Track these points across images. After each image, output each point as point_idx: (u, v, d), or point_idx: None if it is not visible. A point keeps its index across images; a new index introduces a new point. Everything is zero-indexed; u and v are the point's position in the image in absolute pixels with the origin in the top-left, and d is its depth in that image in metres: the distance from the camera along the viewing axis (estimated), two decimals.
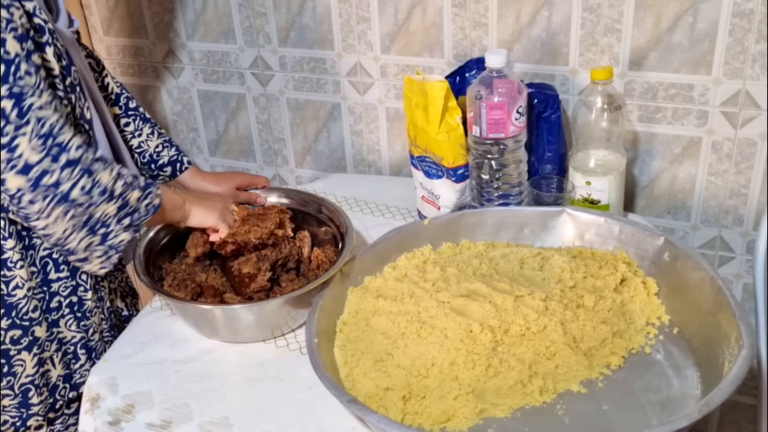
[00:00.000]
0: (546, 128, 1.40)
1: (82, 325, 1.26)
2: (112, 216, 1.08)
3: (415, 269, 1.23)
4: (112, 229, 1.09)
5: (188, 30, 1.79)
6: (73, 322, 1.24)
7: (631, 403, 1.02)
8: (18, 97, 0.97)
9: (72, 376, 1.26)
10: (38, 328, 1.19)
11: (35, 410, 1.21)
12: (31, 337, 1.18)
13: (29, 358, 1.18)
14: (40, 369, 1.20)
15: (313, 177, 1.85)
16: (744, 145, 1.40)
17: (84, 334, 1.26)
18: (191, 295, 1.24)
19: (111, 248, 1.11)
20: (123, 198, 1.08)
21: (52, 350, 1.22)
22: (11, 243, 1.13)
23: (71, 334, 1.25)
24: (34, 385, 1.20)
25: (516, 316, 1.09)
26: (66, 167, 1.01)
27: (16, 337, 1.16)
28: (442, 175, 1.38)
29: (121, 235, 1.11)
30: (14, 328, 1.16)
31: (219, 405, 1.12)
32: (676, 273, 1.16)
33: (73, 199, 1.02)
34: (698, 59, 1.37)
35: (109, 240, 1.10)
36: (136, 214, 1.11)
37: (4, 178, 0.98)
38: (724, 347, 1.01)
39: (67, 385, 1.25)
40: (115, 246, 1.11)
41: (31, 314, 1.17)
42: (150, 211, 1.12)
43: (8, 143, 0.97)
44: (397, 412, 1.00)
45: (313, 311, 1.12)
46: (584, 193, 1.36)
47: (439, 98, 1.30)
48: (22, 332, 1.17)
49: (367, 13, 1.59)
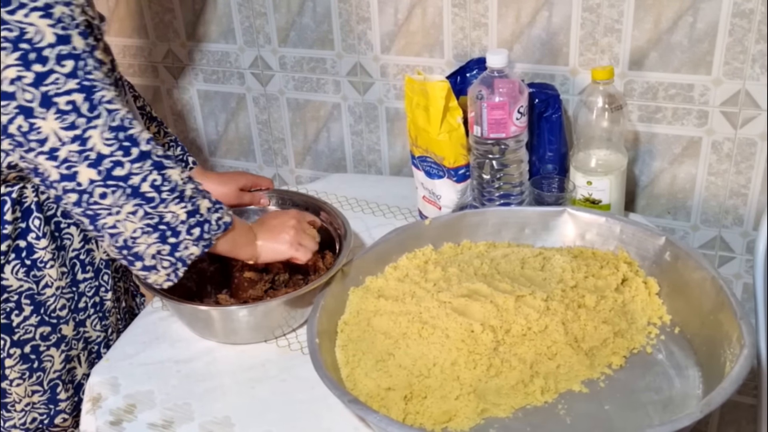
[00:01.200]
0: (547, 128, 1.40)
1: (104, 325, 1.28)
2: (183, 222, 1.05)
3: (416, 269, 1.23)
4: (182, 239, 1.06)
5: (188, 30, 1.79)
6: (97, 322, 1.27)
7: (633, 403, 1.02)
8: (88, 91, 0.97)
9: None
10: (65, 327, 1.22)
11: (63, 407, 1.25)
12: (59, 335, 1.21)
13: (57, 354, 1.21)
14: (66, 366, 1.24)
15: (313, 177, 1.85)
16: (744, 145, 1.41)
17: (105, 333, 1.29)
18: (187, 295, 1.24)
19: (179, 260, 1.08)
20: (193, 202, 1.05)
21: (79, 349, 1.25)
22: (44, 243, 1.14)
23: (96, 333, 1.28)
24: (61, 380, 1.23)
25: (517, 316, 1.09)
26: (137, 161, 0.99)
27: (45, 333, 1.20)
28: (443, 175, 1.38)
29: (191, 248, 1.07)
30: (43, 324, 1.19)
31: (220, 405, 1.12)
32: (678, 273, 1.16)
33: (143, 193, 1.01)
34: (698, 59, 1.37)
35: (178, 251, 1.07)
36: (206, 225, 1.07)
37: (77, 170, 0.97)
38: (726, 347, 1.01)
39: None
40: (184, 259, 1.08)
41: (59, 312, 1.20)
42: (221, 227, 1.09)
43: (80, 136, 0.96)
44: (399, 412, 1.00)
45: (315, 311, 1.12)
46: (585, 192, 1.36)
47: (440, 98, 1.30)
48: (50, 329, 1.20)
49: (367, 13, 1.59)
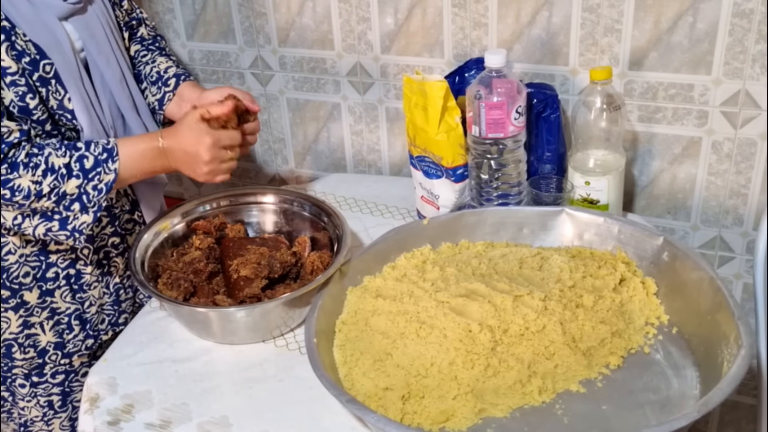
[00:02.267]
0: (545, 128, 1.40)
1: (78, 298, 1.31)
2: (55, 208, 1.13)
3: (414, 269, 1.22)
4: (65, 215, 1.13)
5: (188, 30, 1.79)
6: (68, 293, 1.30)
7: (630, 403, 1.02)
8: None
9: (65, 345, 1.33)
10: (27, 293, 1.26)
11: (19, 364, 1.30)
12: (19, 300, 1.26)
13: (14, 318, 1.26)
14: (24, 330, 1.28)
15: (313, 177, 1.85)
16: (744, 145, 1.40)
17: (79, 306, 1.32)
18: (184, 295, 1.24)
19: (75, 231, 1.15)
20: (56, 193, 1.11)
21: (42, 317, 1.29)
22: (7, 213, 1.17)
23: (65, 305, 1.31)
24: (17, 343, 1.28)
25: (515, 315, 1.09)
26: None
27: (4, 297, 1.24)
28: (441, 175, 1.38)
29: (81, 218, 1.14)
30: (3, 288, 1.24)
31: (218, 405, 1.12)
32: (675, 273, 1.16)
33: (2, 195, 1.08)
34: (698, 59, 1.37)
35: (69, 224, 1.14)
36: (84, 198, 1.13)
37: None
38: (723, 347, 1.01)
39: (59, 352, 1.32)
40: (79, 229, 1.15)
41: (21, 279, 1.25)
42: (102, 191, 1.14)
43: None
44: (396, 411, 1.00)
45: (313, 311, 1.12)
46: (583, 192, 1.36)
47: (439, 98, 1.30)
48: (10, 293, 1.25)
49: (367, 13, 1.59)
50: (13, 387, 1.34)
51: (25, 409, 1.36)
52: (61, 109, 1.19)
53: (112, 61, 1.27)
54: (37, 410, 1.37)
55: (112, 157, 1.15)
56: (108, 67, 1.26)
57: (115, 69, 1.28)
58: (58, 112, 1.18)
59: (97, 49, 1.24)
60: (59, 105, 1.18)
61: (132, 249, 1.28)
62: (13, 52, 1.11)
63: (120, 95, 1.29)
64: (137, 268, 1.25)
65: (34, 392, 1.35)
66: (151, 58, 1.41)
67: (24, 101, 1.13)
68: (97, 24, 1.25)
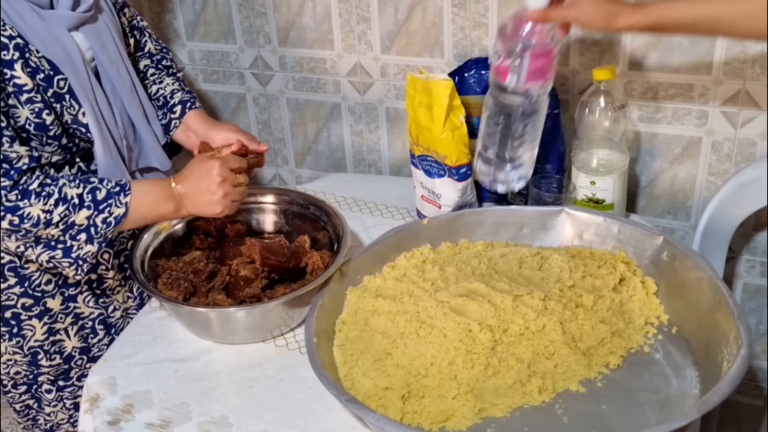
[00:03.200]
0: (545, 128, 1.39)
1: (101, 303, 1.32)
2: (61, 237, 1.12)
3: (414, 269, 1.23)
4: (70, 245, 1.13)
5: (188, 30, 1.79)
6: (90, 298, 1.31)
7: (630, 403, 1.02)
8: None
9: (90, 350, 1.34)
10: (51, 300, 1.27)
11: (45, 371, 1.31)
12: (43, 308, 1.26)
13: (39, 326, 1.27)
14: (50, 337, 1.29)
15: (312, 177, 1.85)
16: (744, 145, 1.40)
17: (103, 310, 1.33)
18: (184, 295, 1.24)
19: (79, 259, 1.14)
20: (65, 222, 1.10)
21: (66, 323, 1.30)
22: (10, 243, 1.15)
23: (89, 310, 1.32)
24: (43, 350, 1.29)
25: (515, 315, 1.09)
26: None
27: (28, 305, 1.25)
28: (443, 174, 1.38)
29: (86, 248, 1.14)
30: (25, 296, 1.24)
31: (218, 404, 1.12)
32: (675, 272, 1.16)
33: (6, 229, 1.08)
34: (698, 59, 1.37)
35: (73, 252, 1.13)
36: (92, 230, 1.13)
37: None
38: (723, 347, 1.01)
39: (84, 357, 1.34)
40: (83, 257, 1.14)
41: (44, 287, 1.25)
42: (111, 224, 1.13)
43: None
44: (396, 411, 1.00)
45: (313, 311, 1.12)
46: (588, 193, 1.36)
47: (444, 96, 1.30)
48: (33, 301, 1.25)
49: (367, 13, 1.59)
50: (39, 393, 1.35)
51: (51, 414, 1.38)
52: (76, 123, 1.18)
53: (122, 70, 1.27)
54: (63, 413, 1.38)
55: (124, 191, 1.14)
56: (119, 76, 1.26)
57: (125, 78, 1.28)
58: (72, 126, 1.18)
59: (108, 58, 1.24)
60: (73, 119, 1.18)
61: (132, 249, 1.28)
62: (27, 69, 1.11)
63: (131, 104, 1.28)
64: (137, 268, 1.25)
65: (60, 396, 1.36)
66: (159, 78, 1.42)
67: (41, 117, 1.13)
68: (107, 33, 1.24)
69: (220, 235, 1.37)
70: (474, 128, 1.47)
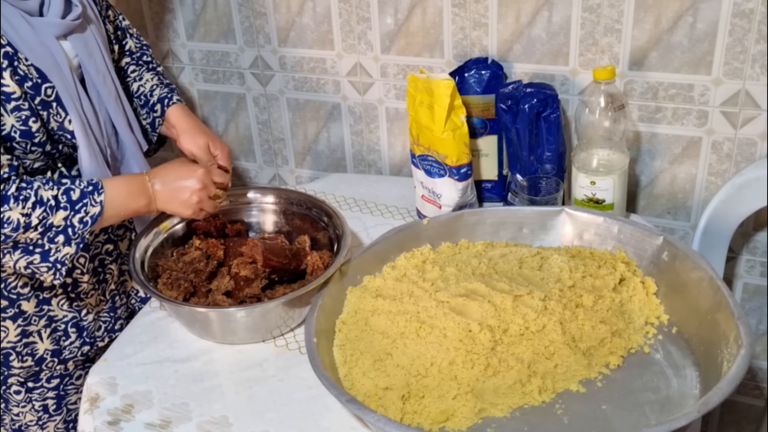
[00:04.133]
0: (545, 128, 1.40)
1: (75, 306, 1.31)
2: (39, 240, 1.11)
3: (414, 269, 1.22)
4: (48, 248, 1.12)
5: (188, 30, 1.79)
6: (65, 302, 1.30)
7: (630, 403, 1.02)
8: None
9: (61, 352, 1.33)
10: (25, 303, 1.26)
11: (16, 372, 1.30)
12: (17, 310, 1.26)
13: (12, 327, 1.26)
14: (23, 339, 1.28)
15: (312, 177, 1.85)
16: (744, 145, 1.40)
17: (76, 314, 1.32)
18: (184, 295, 1.24)
19: (57, 263, 1.14)
20: (43, 224, 1.10)
21: (40, 325, 1.29)
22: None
23: (62, 313, 1.31)
24: (15, 351, 1.28)
25: (515, 315, 1.09)
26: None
27: (2, 306, 1.24)
28: (444, 174, 1.38)
29: (64, 250, 1.13)
30: (0, 298, 1.24)
31: (218, 404, 1.12)
32: (675, 273, 1.16)
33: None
34: (698, 59, 1.37)
35: (51, 256, 1.13)
36: (69, 230, 1.12)
37: None
38: (723, 347, 1.01)
39: (55, 359, 1.32)
40: (61, 260, 1.14)
41: (20, 290, 1.25)
42: (87, 223, 1.13)
43: None
44: (396, 411, 1.00)
45: (313, 311, 1.12)
46: (589, 193, 1.36)
47: (446, 96, 1.30)
48: (8, 303, 1.25)
49: (367, 13, 1.59)
50: (8, 394, 1.34)
51: (20, 414, 1.37)
52: (62, 130, 1.19)
53: (108, 80, 1.28)
54: (31, 415, 1.37)
55: (97, 190, 1.14)
56: (104, 85, 1.26)
57: (111, 87, 1.28)
58: (58, 133, 1.19)
59: (95, 68, 1.24)
60: (59, 126, 1.18)
61: (132, 249, 1.28)
62: (16, 77, 1.11)
63: (116, 113, 1.29)
64: (137, 268, 1.25)
65: (29, 397, 1.35)
66: (139, 75, 1.43)
67: (27, 125, 1.13)
68: (94, 43, 1.25)
69: (219, 235, 1.37)
70: (474, 128, 1.47)
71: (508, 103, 1.40)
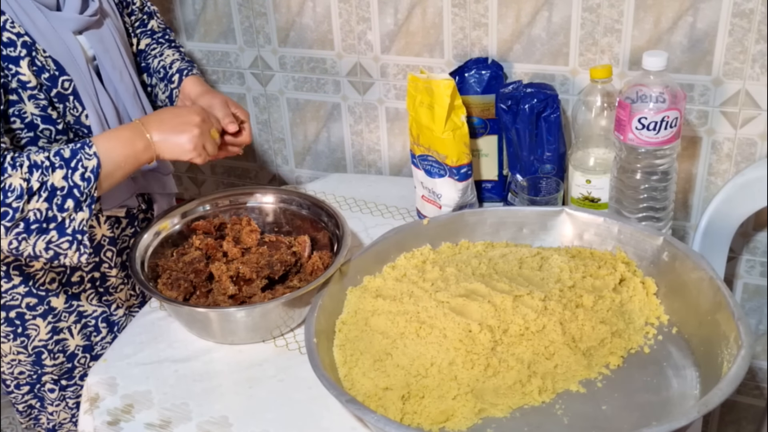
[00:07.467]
0: (545, 128, 1.40)
1: (104, 300, 1.33)
2: (48, 209, 1.04)
3: (414, 269, 1.22)
4: (61, 219, 1.05)
5: (188, 30, 1.79)
6: (93, 296, 1.31)
7: (630, 403, 1.02)
8: None
9: (93, 348, 1.35)
10: (55, 299, 1.27)
11: (48, 370, 1.33)
12: (47, 306, 1.26)
13: (43, 325, 1.27)
14: (54, 336, 1.29)
15: (312, 177, 1.85)
16: (744, 145, 1.40)
17: (106, 308, 1.33)
18: (184, 295, 1.24)
19: (76, 233, 1.06)
20: (45, 188, 1.03)
21: (70, 321, 1.30)
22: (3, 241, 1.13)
23: (92, 308, 1.32)
24: (47, 349, 1.29)
25: (515, 315, 1.09)
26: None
27: (32, 304, 1.25)
28: (444, 174, 1.38)
29: (78, 216, 1.06)
30: (30, 296, 1.25)
31: (218, 405, 1.12)
32: (675, 273, 1.16)
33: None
34: (698, 59, 1.37)
35: (68, 228, 1.06)
36: (75, 190, 1.05)
37: None
38: (723, 347, 1.01)
39: (87, 355, 1.34)
40: (79, 229, 1.07)
41: (48, 285, 1.25)
42: (90, 179, 1.06)
43: None
44: (396, 411, 1.00)
45: (313, 311, 1.12)
46: (584, 191, 1.36)
47: (446, 96, 1.30)
48: (37, 300, 1.25)
49: (367, 13, 1.59)
50: (42, 392, 1.35)
51: (54, 413, 1.38)
52: (78, 124, 1.19)
53: (125, 76, 1.27)
54: (66, 412, 1.38)
55: (87, 144, 1.08)
56: (121, 81, 1.26)
57: (128, 83, 1.28)
58: (75, 127, 1.19)
59: (111, 64, 1.24)
60: (76, 120, 1.18)
61: (132, 249, 1.28)
62: (33, 67, 1.11)
63: (133, 109, 1.28)
64: (137, 268, 1.25)
65: (63, 395, 1.36)
66: (160, 51, 1.42)
67: (46, 112, 1.13)
68: (111, 39, 1.25)
69: (219, 234, 1.37)
70: (474, 128, 1.47)
71: (508, 103, 1.40)
